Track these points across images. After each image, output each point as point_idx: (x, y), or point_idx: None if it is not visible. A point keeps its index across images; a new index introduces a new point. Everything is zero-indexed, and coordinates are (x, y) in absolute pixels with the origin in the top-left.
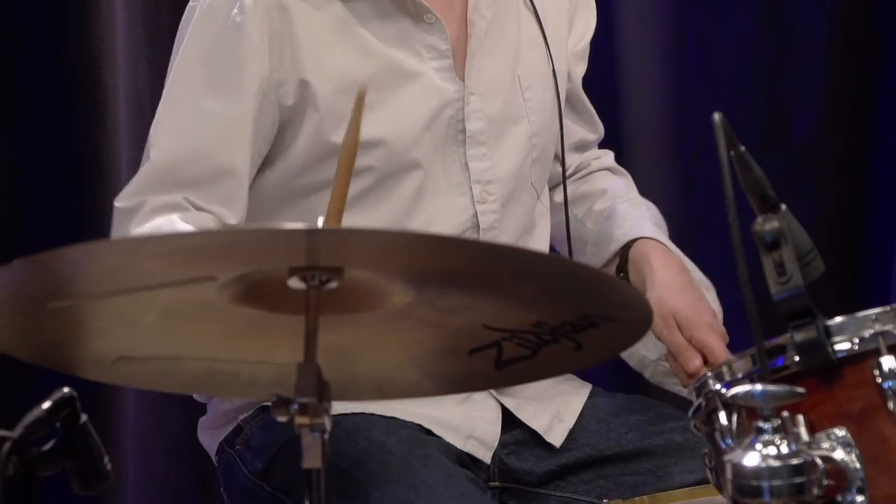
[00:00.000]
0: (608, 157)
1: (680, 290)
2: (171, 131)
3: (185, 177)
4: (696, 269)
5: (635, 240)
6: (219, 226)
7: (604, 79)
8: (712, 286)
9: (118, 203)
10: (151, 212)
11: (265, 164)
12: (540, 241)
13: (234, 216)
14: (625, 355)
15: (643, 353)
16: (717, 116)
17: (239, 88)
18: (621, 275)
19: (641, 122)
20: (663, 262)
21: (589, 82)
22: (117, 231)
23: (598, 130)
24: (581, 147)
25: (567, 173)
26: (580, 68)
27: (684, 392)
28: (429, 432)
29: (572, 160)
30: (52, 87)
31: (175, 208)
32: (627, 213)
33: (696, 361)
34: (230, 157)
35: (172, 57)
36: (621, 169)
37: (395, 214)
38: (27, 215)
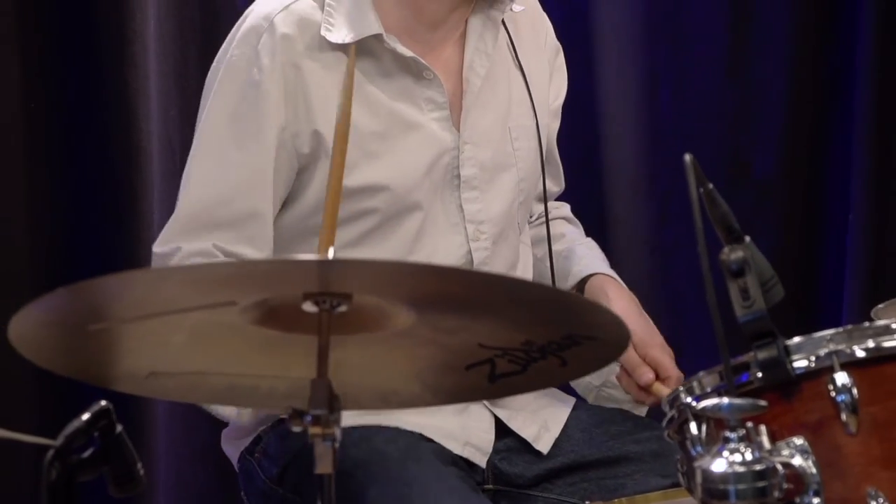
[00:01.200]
0: (566, 208)
1: (634, 317)
2: (200, 179)
3: (213, 220)
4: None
5: (591, 275)
6: None
7: (587, 124)
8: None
9: (156, 248)
10: (186, 257)
11: (284, 205)
12: (525, 273)
13: (260, 254)
14: (581, 391)
15: (588, 380)
16: (687, 157)
17: (260, 139)
18: None
19: (620, 163)
20: (618, 293)
21: (573, 126)
22: None
23: (561, 184)
24: (548, 197)
25: (531, 218)
26: (555, 124)
27: (623, 405)
28: (429, 440)
29: (537, 207)
30: (91, 132)
31: (205, 255)
32: (583, 253)
33: (649, 375)
34: (253, 202)
35: (200, 111)
36: (575, 219)
37: (398, 251)
38: (68, 247)
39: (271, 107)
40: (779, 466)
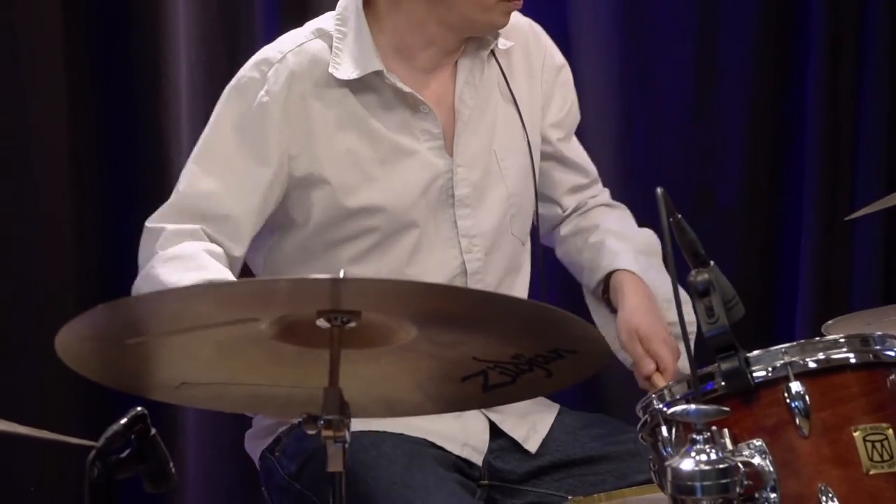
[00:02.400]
0: (605, 194)
1: (643, 313)
2: (198, 173)
3: (201, 211)
4: (669, 291)
5: (614, 271)
6: (225, 257)
7: None
8: (688, 299)
9: (148, 224)
10: (173, 235)
11: (292, 226)
12: (521, 282)
13: (238, 250)
14: (622, 358)
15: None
16: (659, 190)
17: (259, 154)
18: (606, 296)
19: None
20: (633, 290)
21: None
22: (143, 246)
23: (589, 175)
24: (577, 189)
25: (567, 212)
26: (558, 134)
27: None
28: (431, 444)
29: (570, 202)
30: (129, 166)
31: (192, 235)
32: (613, 247)
33: (650, 367)
34: (240, 205)
35: (211, 120)
36: (617, 203)
37: (396, 264)
38: (108, 268)
39: (274, 128)
40: (740, 465)
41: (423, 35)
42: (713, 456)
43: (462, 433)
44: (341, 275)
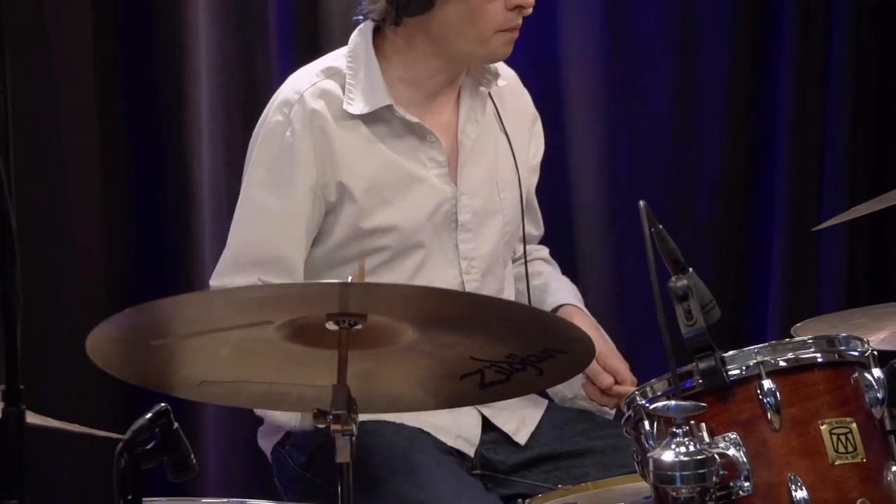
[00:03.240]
0: (545, 251)
1: (595, 337)
2: (245, 225)
3: (255, 259)
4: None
5: (561, 305)
6: None
7: (559, 176)
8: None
9: (212, 283)
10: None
11: (315, 242)
12: (511, 297)
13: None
14: (550, 392)
15: (563, 392)
16: (642, 203)
17: (295, 190)
18: None
19: (586, 207)
20: (582, 319)
21: (549, 177)
22: None
23: (540, 229)
24: (529, 240)
25: (514, 257)
26: (534, 179)
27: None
28: (428, 434)
29: (519, 248)
30: (155, 182)
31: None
32: (557, 287)
33: (609, 380)
34: (288, 242)
35: (245, 167)
36: (552, 260)
37: (402, 280)
38: (134, 276)
39: (302, 163)
40: (716, 456)
41: (430, 67)
42: (691, 448)
43: (455, 426)
44: (349, 280)
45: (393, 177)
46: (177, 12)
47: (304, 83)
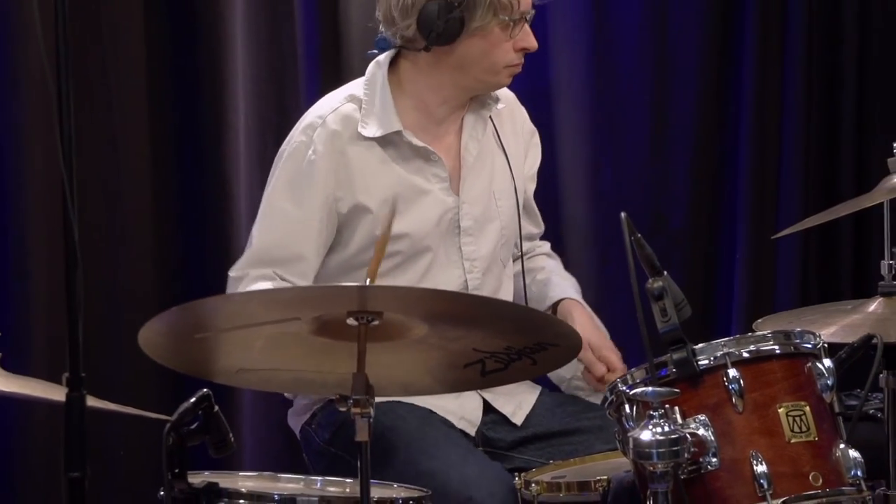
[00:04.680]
0: (546, 246)
1: (591, 329)
2: (266, 227)
3: (272, 258)
4: (598, 321)
5: (563, 299)
6: None
7: (551, 191)
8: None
9: (231, 273)
10: (252, 280)
11: (334, 250)
12: (506, 295)
13: (305, 284)
14: (556, 380)
15: (562, 374)
16: (623, 215)
17: (311, 201)
18: None
19: (574, 218)
20: (580, 313)
21: (542, 192)
22: (229, 290)
23: (541, 227)
24: (530, 238)
25: (515, 256)
26: (531, 186)
27: (583, 394)
28: (436, 414)
29: (526, 246)
30: (198, 195)
31: (268, 278)
32: (558, 283)
33: (602, 369)
34: (303, 245)
35: (269, 176)
36: (554, 254)
37: (413, 280)
38: (180, 279)
39: (321, 179)
40: (688, 436)
41: (440, 94)
42: (666, 428)
43: (459, 409)
44: (367, 282)
45: (403, 191)
46: (218, 48)
47: (326, 109)
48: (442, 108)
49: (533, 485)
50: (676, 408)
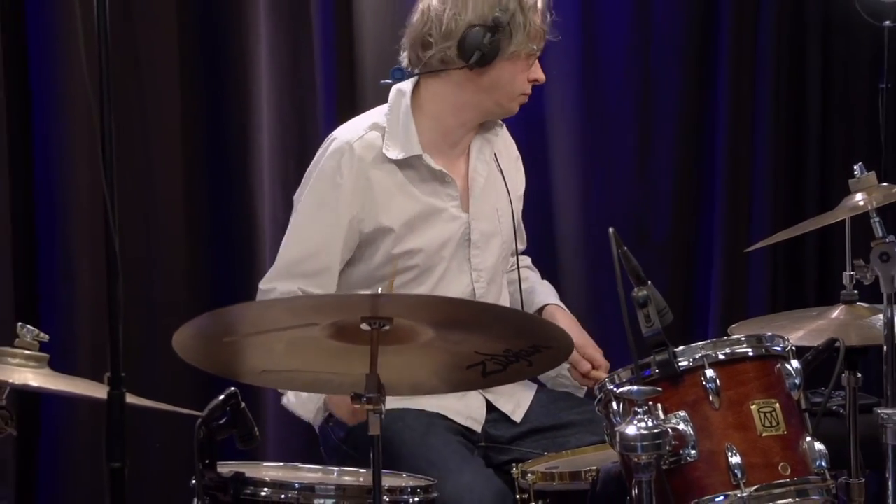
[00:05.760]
0: (529, 260)
1: (575, 330)
2: (294, 242)
3: (299, 270)
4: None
5: (546, 304)
6: None
7: (545, 208)
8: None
9: (261, 286)
10: (278, 293)
11: (360, 261)
12: (504, 302)
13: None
14: (543, 379)
15: (548, 372)
16: (611, 230)
17: (335, 220)
18: None
19: (567, 233)
20: (563, 315)
21: (536, 208)
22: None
23: (525, 243)
24: (516, 253)
25: (511, 266)
26: (520, 206)
27: (571, 389)
28: (442, 417)
29: (511, 260)
30: (224, 212)
31: (292, 294)
32: (541, 290)
33: (587, 366)
34: (327, 258)
35: (297, 197)
36: (534, 267)
37: (428, 289)
38: (210, 288)
39: (347, 200)
40: (669, 430)
41: (461, 117)
42: (650, 423)
43: (465, 409)
44: (379, 291)
45: (419, 209)
46: (245, 80)
47: (353, 135)
48: (458, 131)
49: (529, 474)
50: (659, 405)
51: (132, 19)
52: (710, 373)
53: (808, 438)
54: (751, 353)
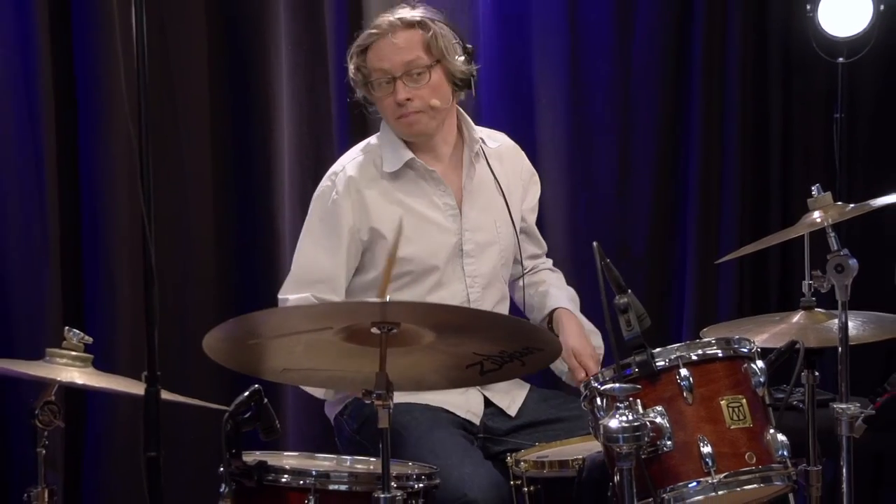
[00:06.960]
0: (549, 262)
1: (576, 337)
2: (303, 254)
3: (310, 279)
4: (589, 324)
5: (556, 308)
6: None
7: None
8: (599, 332)
9: (280, 295)
10: (293, 303)
11: (364, 270)
12: (506, 306)
13: (339, 299)
14: (557, 373)
15: (561, 368)
16: (595, 244)
17: (338, 233)
18: (549, 326)
19: (555, 247)
20: (569, 322)
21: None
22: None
23: (543, 248)
24: (534, 257)
25: (526, 270)
26: (533, 216)
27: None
28: (445, 411)
29: (529, 263)
30: (249, 226)
31: (306, 301)
32: (554, 294)
33: (582, 374)
34: (335, 267)
35: (307, 219)
36: (556, 269)
37: (422, 294)
38: (236, 295)
39: (344, 215)
40: (648, 423)
41: (451, 134)
42: (630, 417)
43: (466, 403)
44: (387, 299)
45: (413, 219)
46: (267, 107)
47: (346, 159)
48: (444, 147)
49: (522, 463)
50: (638, 400)
51: (171, 77)
52: (684, 372)
53: (772, 430)
54: (720, 354)
